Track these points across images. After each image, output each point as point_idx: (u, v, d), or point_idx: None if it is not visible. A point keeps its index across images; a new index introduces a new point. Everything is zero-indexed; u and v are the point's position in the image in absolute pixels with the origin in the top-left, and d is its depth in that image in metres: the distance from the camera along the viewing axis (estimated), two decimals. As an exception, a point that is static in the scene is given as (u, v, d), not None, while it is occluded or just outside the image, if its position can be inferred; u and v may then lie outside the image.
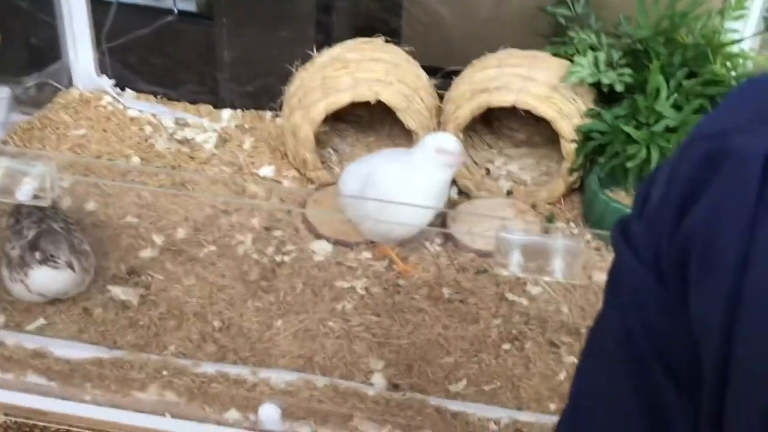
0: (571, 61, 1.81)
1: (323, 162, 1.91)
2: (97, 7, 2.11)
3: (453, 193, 1.86)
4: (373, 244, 1.71)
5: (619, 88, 1.77)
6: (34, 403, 1.40)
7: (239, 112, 2.14)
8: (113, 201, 1.80)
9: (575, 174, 1.81)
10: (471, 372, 1.46)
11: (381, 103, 1.82)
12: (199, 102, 2.17)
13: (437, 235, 1.75)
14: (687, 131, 1.63)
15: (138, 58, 2.19)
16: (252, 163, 1.97)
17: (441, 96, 1.93)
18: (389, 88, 1.81)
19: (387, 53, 1.91)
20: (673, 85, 1.71)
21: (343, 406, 1.40)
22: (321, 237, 1.74)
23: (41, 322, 1.51)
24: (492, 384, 1.44)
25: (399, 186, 1.59)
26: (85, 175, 1.87)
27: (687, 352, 0.51)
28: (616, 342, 0.55)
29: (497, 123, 2.04)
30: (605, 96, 1.83)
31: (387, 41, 1.95)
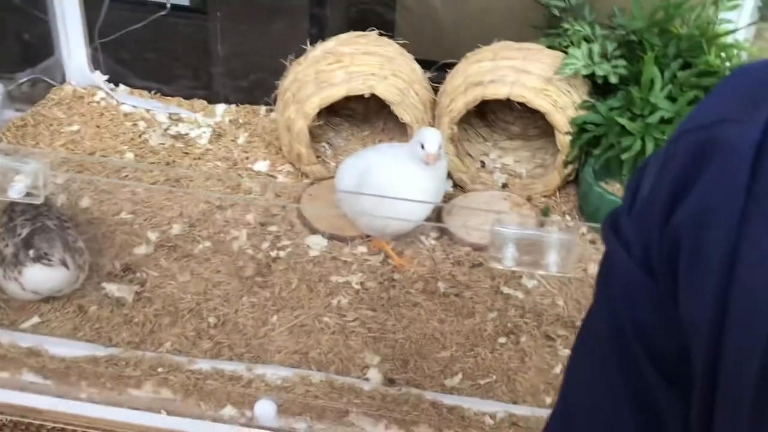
0: (566, 53, 1.80)
1: (318, 156, 1.91)
2: (90, 3, 2.10)
3: (448, 187, 1.86)
4: (369, 238, 1.71)
5: (614, 79, 1.76)
6: (29, 402, 1.40)
7: (233, 106, 2.14)
8: (107, 197, 1.80)
9: (570, 166, 1.81)
10: (467, 366, 1.46)
11: (376, 97, 1.81)
12: (193, 97, 2.16)
13: (432, 229, 1.74)
14: (682, 123, 1.62)
15: (131, 53, 2.18)
16: (246, 158, 1.96)
17: (436, 89, 1.92)
18: (384, 81, 1.81)
19: (381, 47, 1.90)
20: (668, 77, 1.71)
21: (339, 401, 1.39)
22: (316, 232, 1.73)
23: (36, 320, 1.51)
24: (488, 378, 1.44)
25: (395, 181, 1.58)
26: (79, 172, 1.86)
27: (676, 347, 0.51)
28: (605, 338, 0.55)
29: (492, 116, 2.04)
30: (600, 88, 1.82)
31: (381, 35, 1.94)
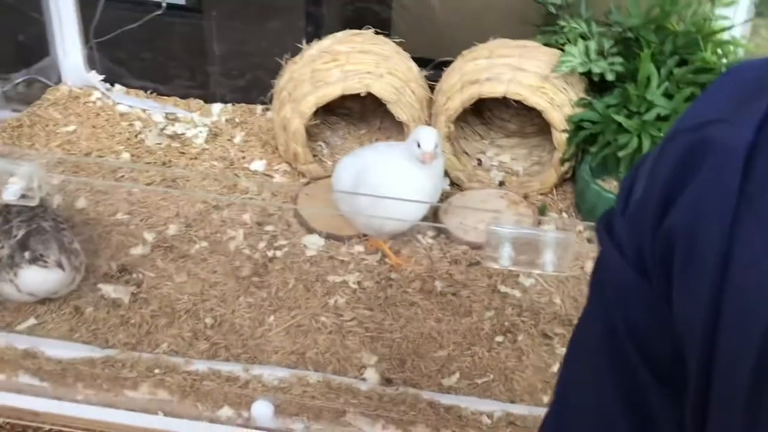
0: (562, 51, 1.80)
1: (315, 155, 1.90)
2: (85, 3, 2.09)
3: (445, 185, 1.85)
4: (366, 237, 1.71)
5: (610, 77, 1.76)
6: (26, 404, 1.40)
7: (230, 106, 2.13)
8: (104, 198, 1.79)
9: (567, 164, 1.80)
10: (464, 365, 1.46)
11: (372, 95, 1.81)
12: (190, 96, 2.15)
13: (430, 228, 1.74)
14: (678, 120, 1.62)
15: (127, 53, 2.18)
16: (243, 158, 1.96)
17: (432, 87, 1.92)
18: (380, 80, 1.80)
19: (377, 45, 1.89)
20: (664, 74, 1.70)
21: (336, 401, 1.39)
22: (313, 231, 1.73)
23: (32, 321, 1.50)
24: (485, 377, 1.44)
25: (392, 180, 1.58)
26: (75, 173, 1.86)
27: (670, 348, 0.51)
28: (599, 338, 0.55)
29: (488, 113, 2.03)
30: (596, 85, 1.82)
31: (377, 33, 1.93)
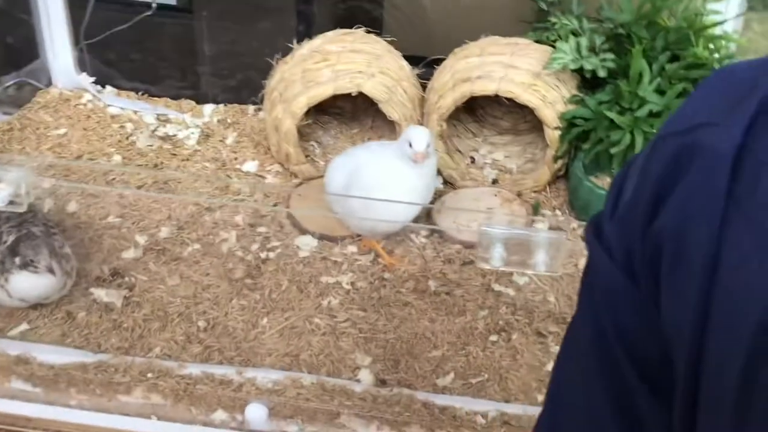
0: (554, 48, 1.79)
1: (307, 156, 1.89)
2: (75, 4, 2.08)
3: (438, 184, 1.85)
4: (359, 237, 1.70)
5: (602, 73, 1.75)
6: (18, 410, 1.39)
7: (221, 106, 2.12)
8: (95, 201, 1.79)
9: (560, 161, 1.80)
10: (458, 365, 1.45)
11: (363, 95, 1.80)
12: (181, 97, 2.14)
13: (423, 227, 1.73)
14: (671, 116, 1.61)
15: (117, 54, 2.17)
16: (235, 159, 1.95)
17: (424, 86, 1.91)
18: (371, 79, 1.80)
19: (368, 44, 1.89)
20: (656, 70, 1.70)
21: (331, 403, 1.39)
22: (306, 232, 1.72)
23: (24, 327, 1.49)
24: (479, 377, 1.43)
25: (384, 180, 1.57)
26: (66, 176, 1.85)
27: (658, 352, 0.51)
28: (588, 342, 0.55)
29: (481, 111, 2.03)
30: (588, 82, 1.81)
31: (368, 32, 1.93)
